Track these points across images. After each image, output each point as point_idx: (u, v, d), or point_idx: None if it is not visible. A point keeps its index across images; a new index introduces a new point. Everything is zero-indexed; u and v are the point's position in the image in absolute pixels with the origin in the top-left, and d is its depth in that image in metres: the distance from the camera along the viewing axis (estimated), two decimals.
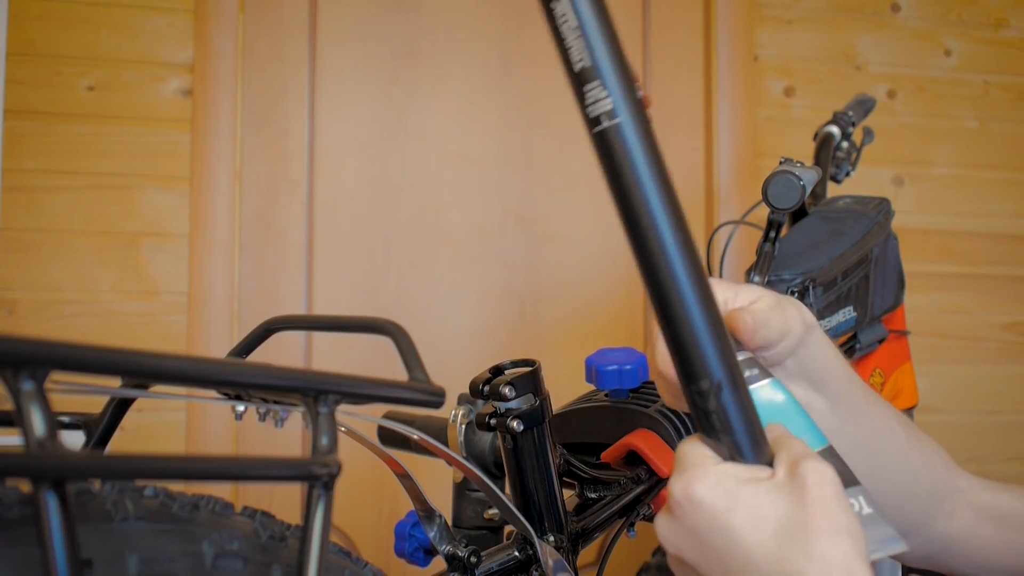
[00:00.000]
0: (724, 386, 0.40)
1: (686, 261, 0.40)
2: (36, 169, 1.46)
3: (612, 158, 0.40)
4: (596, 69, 0.40)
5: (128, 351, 0.31)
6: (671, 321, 0.40)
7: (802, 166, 0.84)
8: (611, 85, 0.39)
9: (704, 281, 0.41)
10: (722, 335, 0.40)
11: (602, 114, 0.40)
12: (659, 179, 0.40)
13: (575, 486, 0.68)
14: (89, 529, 0.39)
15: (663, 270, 0.40)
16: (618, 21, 0.40)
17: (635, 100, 0.40)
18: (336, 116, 1.59)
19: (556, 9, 0.39)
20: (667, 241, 0.40)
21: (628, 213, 0.41)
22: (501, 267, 1.63)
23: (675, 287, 0.40)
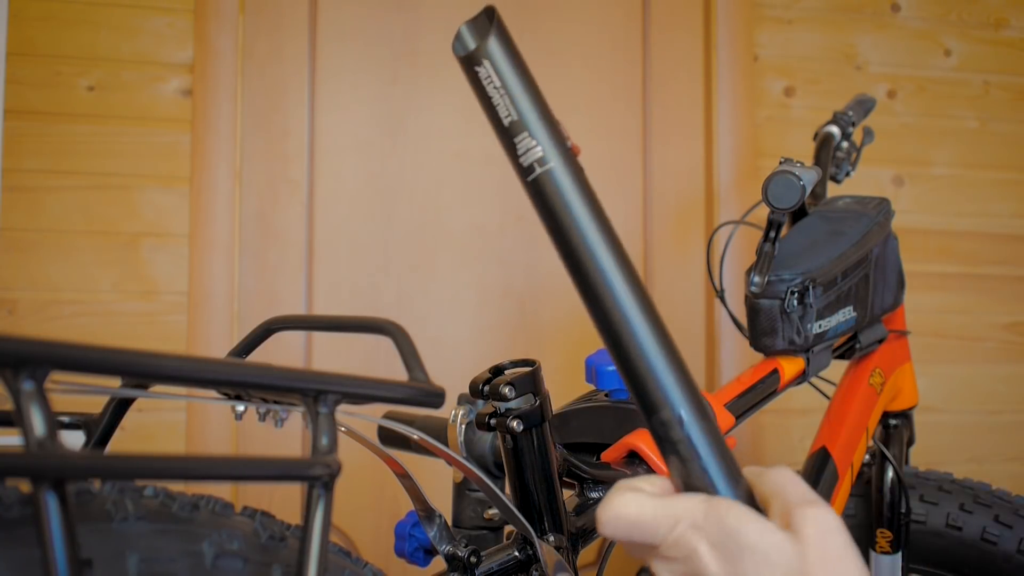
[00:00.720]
0: (686, 414, 0.39)
1: (630, 292, 0.40)
2: (36, 169, 1.46)
3: (547, 202, 0.42)
4: (524, 121, 0.42)
5: (128, 351, 0.31)
6: (623, 353, 0.40)
7: (802, 166, 0.84)
8: (539, 134, 0.42)
9: (652, 310, 0.40)
10: (678, 364, 0.40)
11: (534, 161, 0.42)
12: (595, 217, 0.42)
13: (575, 486, 0.68)
14: (89, 529, 0.39)
15: (608, 303, 0.40)
16: (618, 21, 0.40)
17: (564, 147, 0.42)
18: (336, 116, 1.59)
19: (480, 72, 0.42)
20: (610, 276, 0.41)
21: (568, 253, 0.42)
22: (501, 267, 1.63)
23: (622, 318, 0.40)
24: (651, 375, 0.39)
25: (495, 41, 0.42)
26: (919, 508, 1.03)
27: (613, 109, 1.69)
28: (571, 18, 1.68)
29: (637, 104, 1.70)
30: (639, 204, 1.69)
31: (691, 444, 0.39)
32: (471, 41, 0.42)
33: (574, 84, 1.67)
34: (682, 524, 0.37)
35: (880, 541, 1.01)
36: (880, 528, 1.02)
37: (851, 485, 0.96)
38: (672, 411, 0.39)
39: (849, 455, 0.95)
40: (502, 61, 0.42)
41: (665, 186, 1.70)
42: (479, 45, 0.42)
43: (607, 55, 1.69)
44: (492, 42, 0.42)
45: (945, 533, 1.01)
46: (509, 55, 0.42)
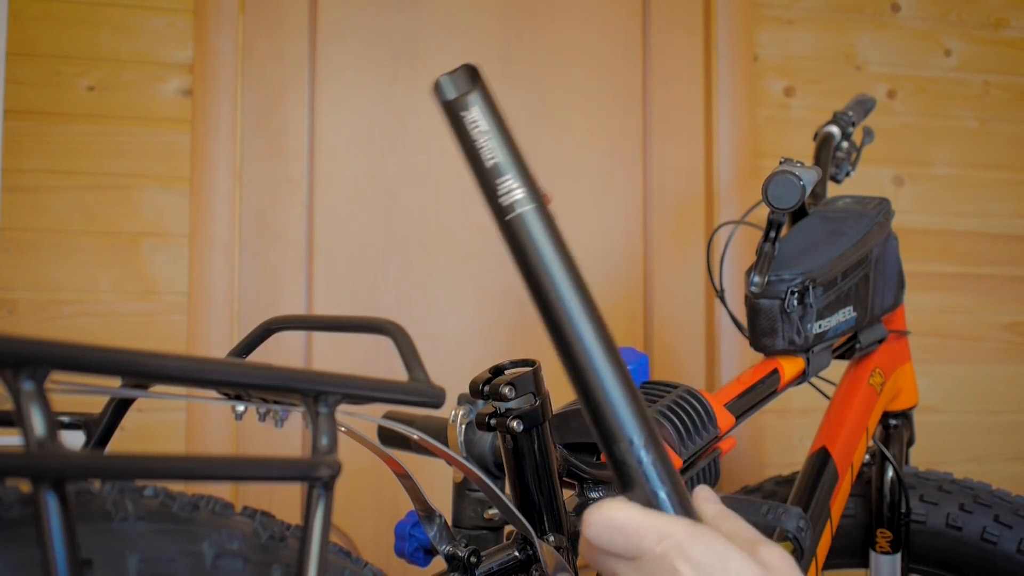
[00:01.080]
0: (639, 443, 0.42)
1: (594, 330, 0.44)
2: (36, 169, 1.46)
3: (521, 242, 0.46)
4: (507, 164, 0.46)
5: (128, 351, 0.31)
6: (585, 386, 0.43)
7: (802, 166, 0.84)
8: (520, 178, 0.46)
9: (612, 347, 0.44)
10: (634, 397, 0.43)
11: (514, 202, 0.45)
12: (563, 259, 0.45)
13: (575, 486, 0.68)
14: (89, 529, 0.39)
15: (573, 340, 0.44)
16: (618, 21, 0.41)
17: (538, 192, 0.46)
18: (336, 116, 1.59)
19: (466, 117, 0.46)
20: (575, 313, 0.44)
21: (537, 292, 0.45)
22: (501, 267, 1.63)
23: (585, 353, 0.43)
24: (609, 409, 0.42)
25: (481, 90, 0.46)
26: (919, 508, 1.03)
27: (613, 109, 1.69)
28: (571, 18, 1.68)
29: (637, 104, 1.70)
30: (639, 204, 1.69)
31: (643, 468, 0.42)
32: (454, 90, 0.46)
33: (574, 84, 1.67)
34: (668, 541, 0.39)
35: (880, 541, 1.02)
36: (880, 528, 1.02)
37: (851, 485, 0.96)
38: (626, 442, 0.42)
39: (849, 455, 0.95)
40: (487, 108, 0.46)
41: (665, 186, 1.70)
42: (466, 92, 0.46)
43: (607, 55, 1.69)
44: (478, 91, 0.46)
45: (945, 533, 1.01)
46: (492, 104, 0.46)
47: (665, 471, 0.42)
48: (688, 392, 0.75)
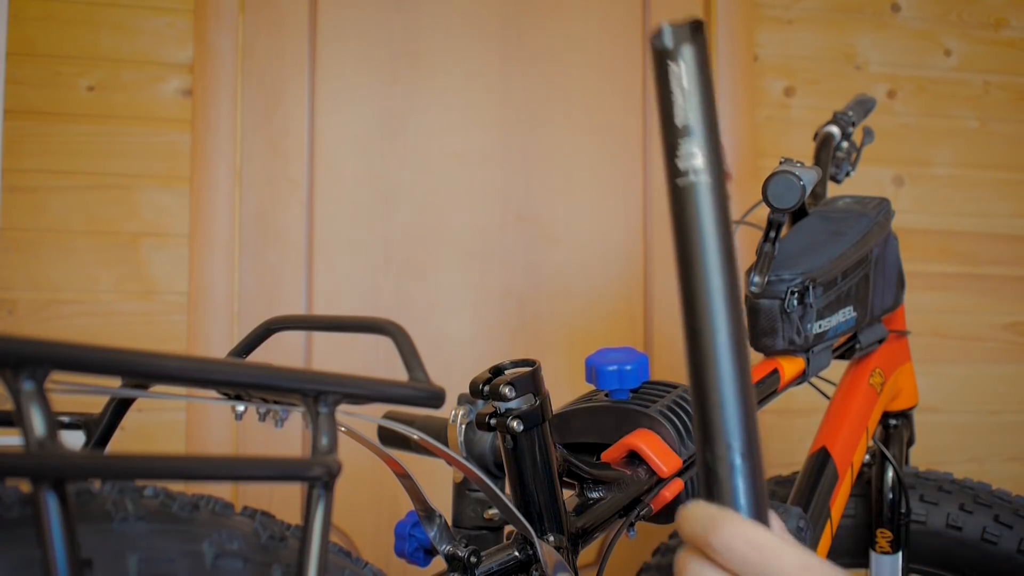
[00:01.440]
0: (740, 453, 0.40)
1: (731, 326, 0.41)
2: (36, 169, 1.46)
3: (686, 210, 0.43)
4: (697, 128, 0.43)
5: (128, 351, 0.31)
6: (702, 378, 0.41)
7: (802, 166, 0.84)
8: (705, 146, 0.42)
9: (744, 347, 0.41)
10: (751, 407, 0.41)
11: (690, 168, 0.42)
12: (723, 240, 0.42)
13: (575, 486, 0.68)
14: (89, 529, 0.39)
15: (706, 327, 0.41)
16: (618, 21, 0.41)
17: (720, 167, 0.42)
18: (336, 116, 1.59)
19: (672, 69, 0.43)
20: (716, 301, 0.41)
21: (685, 264, 0.43)
22: (501, 267, 1.63)
23: (714, 346, 0.41)
24: (723, 406, 0.40)
25: (696, 48, 0.43)
26: (919, 508, 1.03)
27: (613, 109, 1.69)
28: (571, 18, 1.68)
29: (637, 104, 1.70)
30: (639, 204, 1.69)
31: (737, 482, 0.40)
32: (672, 40, 0.43)
33: (574, 84, 1.67)
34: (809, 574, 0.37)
35: (880, 541, 1.02)
36: (880, 528, 1.02)
37: (851, 485, 0.96)
38: (729, 446, 0.40)
39: (849, 455, 0.95)
40: (696, 67, 0.43)
41: (665, 185, 1.69)
42: (681, 45, 0.43)
43: (607, 55, 1.69)
44: (693, 47, 0.43)
45: (945, 533, 1.01)
46: (703, 66, 0.43)
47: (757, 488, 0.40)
48: (688, 392, 0.75)
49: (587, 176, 1.67)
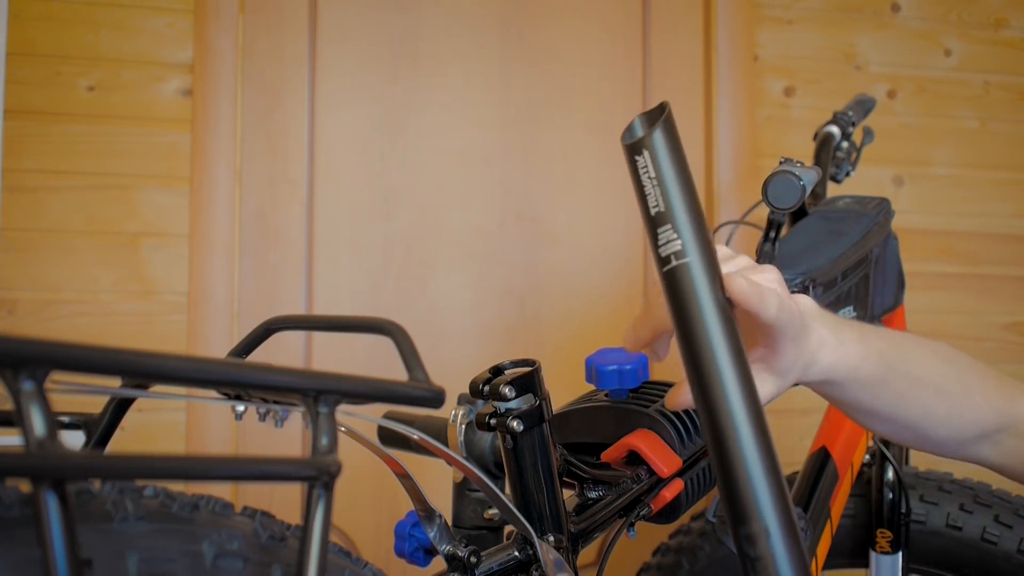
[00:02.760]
0: (773, 532, 0.38)
1: (744, 398, 0.40)
2: (36, 169, 1.46)
3: (677, 294, 0.43)
4: (668, 214, 0.43)
5: (128, 351, 0.31)
6: (725, 457, 0.40)
7: (802, 166, 0.84)
8: (681, 228, 0.43)
9: (762, 420, 0.41)
10: (778, 479, 0.39)
11: (672, 253, 0.43)
12: (721, 318, 0.42)
13: (575, 486, 0.68)
14: (89, 529, 0.39)
15: (719, 404, 0.40)
16: (618, 21, 0.41)
17: (704, 245, 0.43)
18: (336, 116, 1.59)
19: (639, 161, 0.44)
20: (726, 377, 0.41)
21: (688, 347, 0.42)
22: (501, 267, 1.63)
23: (731, 422, 0.40)
24: (750, 483, 0.39)
25: (658, 134, 0.43)
26: (919, 508, 1.03)
27: (613, 109, 1.69)
28: (571, 18, 1.68)
29: (637, 104, 1.70)
30: None
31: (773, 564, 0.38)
32: (638, 131, 0.44)
33: (574, 84, 1.67)
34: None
35: (880, 541, 1.02)
36: (880, 528, 1.02)
37: (851, 485, 0.96)
38: (761, 525, 0.38)
39: (849, 455, 0.95)
40: (661, 154, 0.43)
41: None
42: (643, 136, 0.44)
43: (607, 55, 1.69)
44: (655, 135, 0.43)
45: (945, 533, 1.01)
46: (670, 150, 0.44)
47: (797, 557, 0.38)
48: None
49: (587, 176, 1.67)
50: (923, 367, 0.59)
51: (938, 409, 0.59)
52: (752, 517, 0.38)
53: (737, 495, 0.39)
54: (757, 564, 0.38)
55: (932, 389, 0.59)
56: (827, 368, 0.55)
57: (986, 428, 0.61)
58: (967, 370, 0.62)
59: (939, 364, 0.61)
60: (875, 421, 0.61)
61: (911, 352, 0.60)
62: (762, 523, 0.38)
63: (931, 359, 0.60)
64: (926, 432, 0.60)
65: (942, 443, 0.61)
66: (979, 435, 0.61)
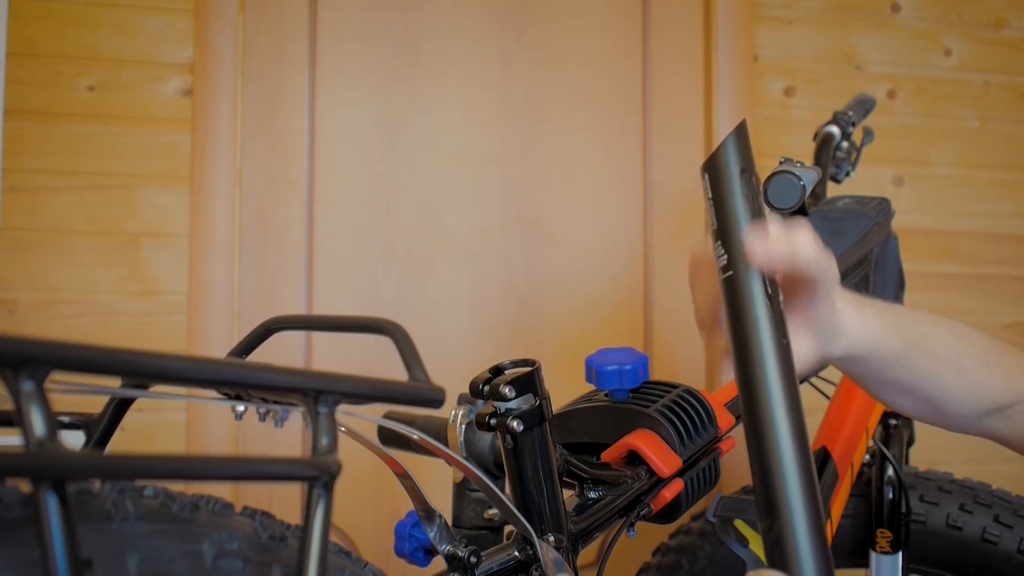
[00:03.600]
0: (805, 525, 0.41)
1: (785, 401, 0.44)
2: (36, 169, 1.46)
3: (729, 302, 0.48)
4: (719, 232, 0.49)
5: (128, 351, 0.31)
6: (762, 455, 0.43)
7: (802, 166, 0.84)
8: (728, 246, 0.48)
9: (802, 426, 0.44)
10: (810, 478, 0.42)
11: (721, 266, 0.49)
12: (773, 322, 0.46)
13: (575, 486, 0.68)
14: (89, 529, 0.39)
15: (763, 411, 0.44)
16: (618, 21, 0.41)
17: (744, 263, 0.48)
18: (336, 116, 1.59)
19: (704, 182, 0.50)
20: (771, 382, 0.45)
21: (738, 349, 0.47)
22: (501, 267, 1.63)
23: (773, 429, 0.43)
24: (781, 483, 0.42)
25: (717, 160, 0.49)
26: (919, 508, 1.03)
27: (613, 109, 1.69)
28: (571, 18, 1.68)
29: (637, 104, 1.70)
30: (639, 204, 1.69)
31: (800, 555, 0.40)
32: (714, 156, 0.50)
33: (574, 84, 1.67)
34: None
35: (880, 541, 1.01)
36: (880, 528, 1.02)
37: (851, 485, 0.96)
38: (785, 523, 0.41)
39: (849, 455, 0.95)
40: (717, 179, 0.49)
41: (665, 185, 1.70)
42: (709, 164, 0.50)
43: (607, 55, 1.69)
44: (715, 160, 0.49)
45: (945, 533, 1.01)
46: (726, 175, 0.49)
47: (822, 556, 0.40)
48: (688, 392, 0.75)
49: (587, 176, 1.67)
50: (941, 343, 0.61)
51: (954, 384, 0.61)
52: (783, 512, 0.41)
53: (770, 491, 0.42)
54: (784, 557, 0.41)
55: (949, 365, 0.61)
56: (851, 342, 0.57)
57: (1000, 402, 0.62)
58: (983, 347, 0.63)
59: (956, 340, 0.62)
60: (892, 395, 0.63)
61: (929, 328, 0.61)
62: (786, 522, 0.41)
63: (949, 336, 0.62)
64: (941, 406, 0.62)
65: (956, 416, 0.63)
66: (993, 408, 0.63)
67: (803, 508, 0.41)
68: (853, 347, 0.58)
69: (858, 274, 0.94)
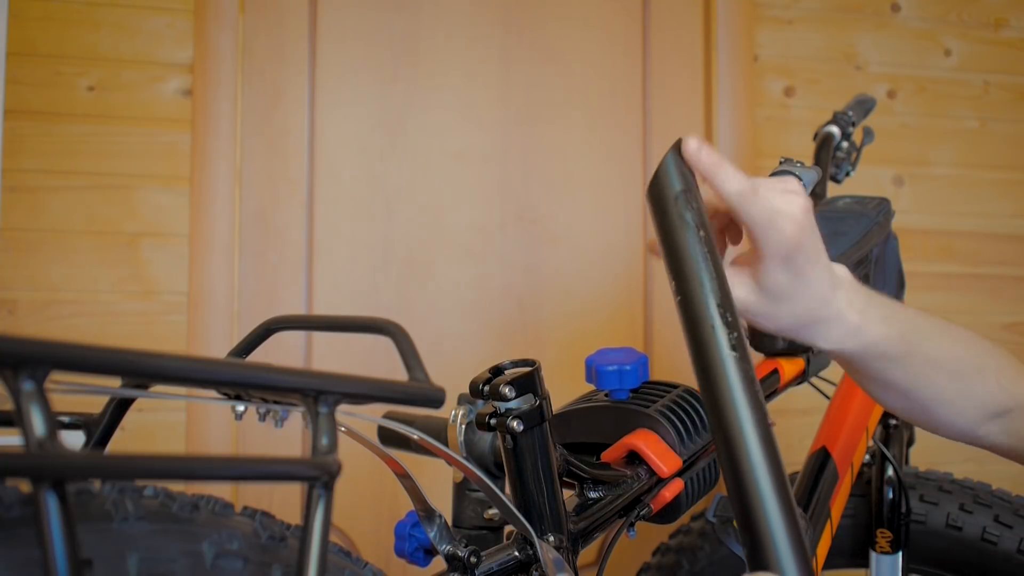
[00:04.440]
0: (780, 526, 0.42)
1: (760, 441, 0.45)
2: (36, 169, 1.46)
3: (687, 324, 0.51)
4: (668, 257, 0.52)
5: (128, 351, 0.31)
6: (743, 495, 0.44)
7: (802, 166, 0.84)
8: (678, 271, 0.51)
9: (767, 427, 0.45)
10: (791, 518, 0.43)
11: (672, 290, 0.51)
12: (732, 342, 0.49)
13: (575, 486, 0.68)
14: (89, 529, 0.39)
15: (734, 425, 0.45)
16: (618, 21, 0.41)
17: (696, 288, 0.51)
18: (336, 116, 1.59)
19: (649, 207, 0.54)
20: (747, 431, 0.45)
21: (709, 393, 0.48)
22: (501, 267, 1.63)
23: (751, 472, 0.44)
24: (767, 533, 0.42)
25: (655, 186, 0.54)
26: (919, 508, 1.03)
27: (613, 109, 1.69)
28: (571, 18, 1.68)
29: (637, 104, 1.70)
30: (639, 204, 1.69)
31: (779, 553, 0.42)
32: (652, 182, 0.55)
33: (574, 84, 1.67)
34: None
35: (880, 541, 1.01)
36: (880, 528, 1.02)
37: (851, 485, 0.96)
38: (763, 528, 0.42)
39: (849, 455, 0.95)
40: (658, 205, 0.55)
41: None
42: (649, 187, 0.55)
43: (607, 55, 1.69)
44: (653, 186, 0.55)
45: (945, 533, 1.01)
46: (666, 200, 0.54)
47: (801, 552, 0.42)
48: (688, 392, 0.75)
49: (587, 176, 1.67)
50: (941, 349, 0.61)
51: (949, 391, 0.61)
52: (758, 516, 0.42)
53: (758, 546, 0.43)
54: (763, 557, 0.42)
55: (946, 371, 0.61)
56: (842, 340, 0.58)
57: (998, 408, 0.62)
58: (985, 354, 0.63)
59: (957, 347, 0.62)
60: (887, 395, 0.63)
61: (931, 333, 0.61)
62: (767, 520, 0.42)
63: (950, 342, 0.62)
64: (936, 413, 0.62)
65: (951, 424, 0.63)
66: (990, 415, 0.63)
67: (779, 510, 0.42)
68: (847, 343, 0.59)
69: (858, 274, 0.94)
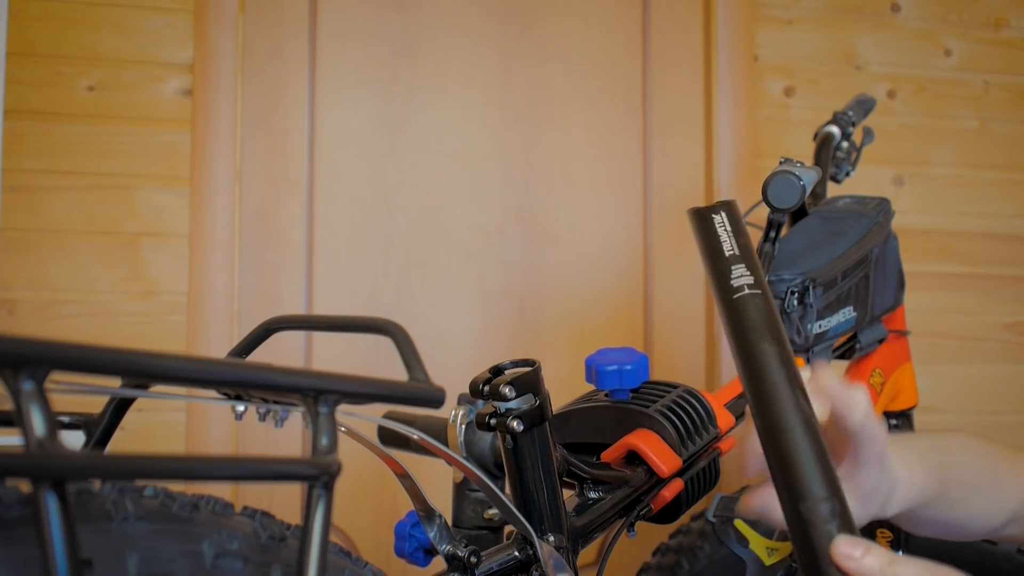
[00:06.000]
0: (827, 499, 0.45)
1: (792, 398, 0.48)
2: (36, 169, 1.46)
3: (742, 317, 0.53)
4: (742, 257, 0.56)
5: (128, 351, 0.31)
6: (779, 454, 0.47)
7: (802, 166, 0.84)
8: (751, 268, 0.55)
9: (813, 422, 0.47)
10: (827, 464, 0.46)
11: (744, 284, 0.54)
12: (777, 339, 0.51)
13: (575, 486, 0.68)
14: (89, 529, 0.39)
15: (774, 409, 0.48)
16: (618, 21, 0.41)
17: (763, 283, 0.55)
18: (336, 116, 1.59)
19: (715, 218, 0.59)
20: (780, 386, 0.49)
21: (746, 363, 0.51)
22: (501, 267, 1.63)
23: (785, 425, 0.47)
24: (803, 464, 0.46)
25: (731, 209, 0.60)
26: None
27: (613, 109, 1.69)
28: (571, 17, 1.68)
29: (637, 104, 1.70)
30: (639, 204, 1.69)
31: (828, 528, 0.44)
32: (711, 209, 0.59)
33: (574, 84, 1.67)
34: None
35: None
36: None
37: None
38: (817, 500, 0.45)
39: None
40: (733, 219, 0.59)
41: (665, 185, 1.70)
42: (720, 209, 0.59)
43: (607, 54, 1.69)
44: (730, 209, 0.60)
45: None
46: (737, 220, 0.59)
47: (851, 524, 0.44)
48: (688, 392, 0.75)
49: (587, 176, 1.67)
50: (966, 470, 0.62)
51: (979, 505, 0.62)
52: (807, 495, 0.45)
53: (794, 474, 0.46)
54: (813, 533, 0.44)
55: (973, 488, 0.62)
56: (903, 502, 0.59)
57: (1017, 513, 0.64)
58: (998, 460, 0.64)
59: (976, 461, 0.63)
60: (925, 528, 0.64)
61: (955, 456, 0.62)
62: (814, 489, 0.45)
63: (969, 458, 0.63)
64: (969, 526, 0.63)
65: (977, 533, 0.64)
66: (1010, 519, 0.64)
67: (823, 487, 0.45)
68: (907, 504, 0.59)
69: (858, 274, 0.94)
